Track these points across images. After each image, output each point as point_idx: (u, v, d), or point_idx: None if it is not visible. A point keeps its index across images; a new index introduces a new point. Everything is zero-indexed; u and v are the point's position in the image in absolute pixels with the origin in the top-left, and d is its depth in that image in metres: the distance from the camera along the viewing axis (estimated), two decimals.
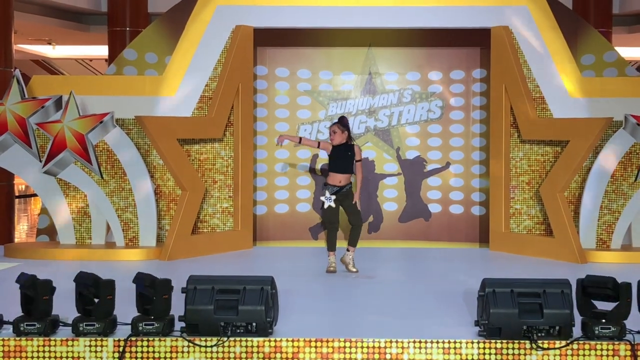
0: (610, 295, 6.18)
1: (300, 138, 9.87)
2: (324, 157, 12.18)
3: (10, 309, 6.46)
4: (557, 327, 6.06)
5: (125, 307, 6.42)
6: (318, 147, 9.68)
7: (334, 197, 9.39)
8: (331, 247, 9.54)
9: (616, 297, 6.15)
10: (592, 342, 6.07)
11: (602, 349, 6.06)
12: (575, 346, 6.07)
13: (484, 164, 11.98)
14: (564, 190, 10.72)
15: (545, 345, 6.06)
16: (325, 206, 9.41)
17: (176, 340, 6.14)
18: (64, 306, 6.45)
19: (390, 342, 6.17)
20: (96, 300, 6.26)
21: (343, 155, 9.47)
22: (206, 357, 6.10)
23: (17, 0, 13.81)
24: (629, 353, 6.07)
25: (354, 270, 9.49)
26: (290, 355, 6.12)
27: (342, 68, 12.31)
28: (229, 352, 6.12)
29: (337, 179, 9.43)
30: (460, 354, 6.12)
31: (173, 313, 6.28)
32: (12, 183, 12.87)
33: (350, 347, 6.16)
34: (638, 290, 6.30)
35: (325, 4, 11.26)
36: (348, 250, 9.58)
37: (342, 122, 9.56)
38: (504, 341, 6.10)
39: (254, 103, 11.85)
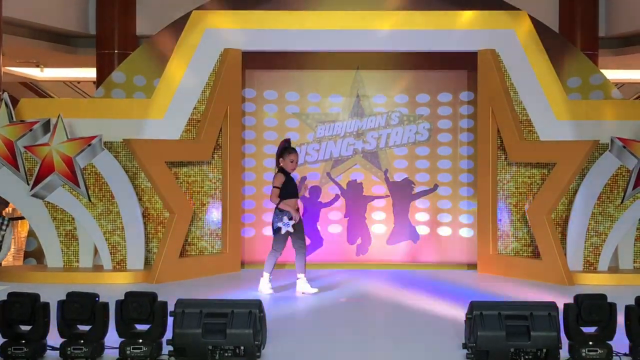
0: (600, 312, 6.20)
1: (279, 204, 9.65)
2: (311, 180, 12.23)
3: None
4: (544, 350, 6.08)
5: (112, 330, 6.40)
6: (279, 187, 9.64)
7: (292, 222, 9.44)
8: (271, 269, 9.73)
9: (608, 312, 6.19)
10: None
11: None
12: None
13: (472, 186, 12.02)
14: (551, 212, 10.76)
15: None
16: (283, 232, 9.45)
17: None
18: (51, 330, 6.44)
19: None
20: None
21: (293, 181, 9.68)
22: None
23: (6, 22, 13.83)
24: None
25: (316, 290, 9.60)
26: None
27: (330, 90, 12.35)
28: None
29: (294, 204, 9.57)
30: None
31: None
32: None
33: None
34: (625, 313, 6.32)
35: (313, 28, 11.30)
36: (299, 278, 9.66)
37: (294, 150, 9.75)
38: None
39: (243, 125, 11.87)
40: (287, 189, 9.58)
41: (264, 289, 9.65)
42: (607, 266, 10.76)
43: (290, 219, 9.45)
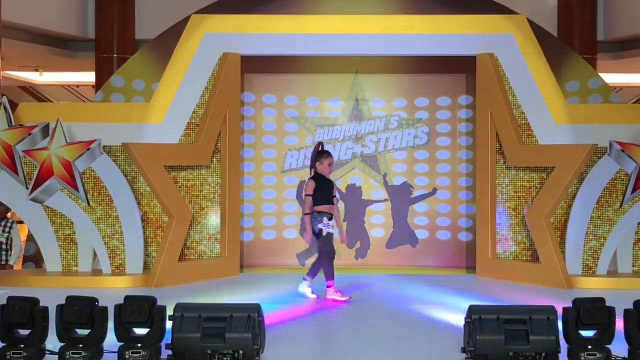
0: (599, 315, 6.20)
1: (305, 215, 9.47)
2: None
3: None
4: (543, 354, 6.08)
5: (111, 334, 6.40)
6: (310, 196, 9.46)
7: (332, 222, 9.39)
8: (333, 276, 9.46)
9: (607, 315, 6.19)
10: None
11: None
12: None
13: (471, 190, 12.03)
14: (550, 216, 10.76)
15: None
16: (324, 233, 9.33)
17: None
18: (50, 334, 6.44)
19: None
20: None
21: (327, 185, 9.52)
22: None
23: (4, 26, 13.83)
24: None
25: (314, 296, 9.51)
26: None
27: (329, 94, 12.36)
28: None
29: (327, 208, 9.43)
30: None
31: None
32: None
33: None
34: (624, 317, 6.32)
35: (312, 32, 11.31)
36: (305, 280, 9.56)
37: (330, 153, 9.63)
38: None
39: (241, 129, 11.87)
40: (319, 195, 9.41)
41: (335, 296, 9.39)
42: (606, 270, 10.76)
43: (330, 219, 9.39)
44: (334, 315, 8.72)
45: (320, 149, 9.62)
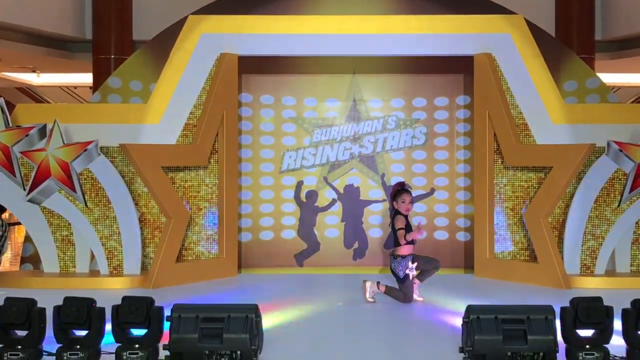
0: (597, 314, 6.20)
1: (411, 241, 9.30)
2: (308, 184, 12.24)
3: None
4: (541, 354, 6.07)
5: (108, 335, 6.40)
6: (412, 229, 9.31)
7: (415, 264, 9.28)
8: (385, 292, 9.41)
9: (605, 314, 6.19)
10: None
11: None
12: None
13: (469, 190, 12.03)
14: (548, 216, 10.76)
15: None
16: (411, 277, 9.22)
17: None
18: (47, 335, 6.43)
19: None
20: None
21: (409, 224, 9.36)
22: None
23: (1, 28, 13.83)
24: None
25: (421, 299, 9.47)
26: None
27: (326, 95, 12.35)
28: None
29: (412, 249, 9.34)
30: None
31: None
32: None
33: None
34: (622, 316, 6.32)
35: (309, 32, 11.30)
36: (415, 283, 9.46)
37: (407, 191, 9.42)
38: None
39: (239, 130, 11.86)
40: (407, 232, 9.31)
41: (368, 296, 9.32)
42: (604, 270, 10.75)
43: (413, 262, 9.27)
44: (332, 316, 8.71)
45: (398, 188, 9.43)
